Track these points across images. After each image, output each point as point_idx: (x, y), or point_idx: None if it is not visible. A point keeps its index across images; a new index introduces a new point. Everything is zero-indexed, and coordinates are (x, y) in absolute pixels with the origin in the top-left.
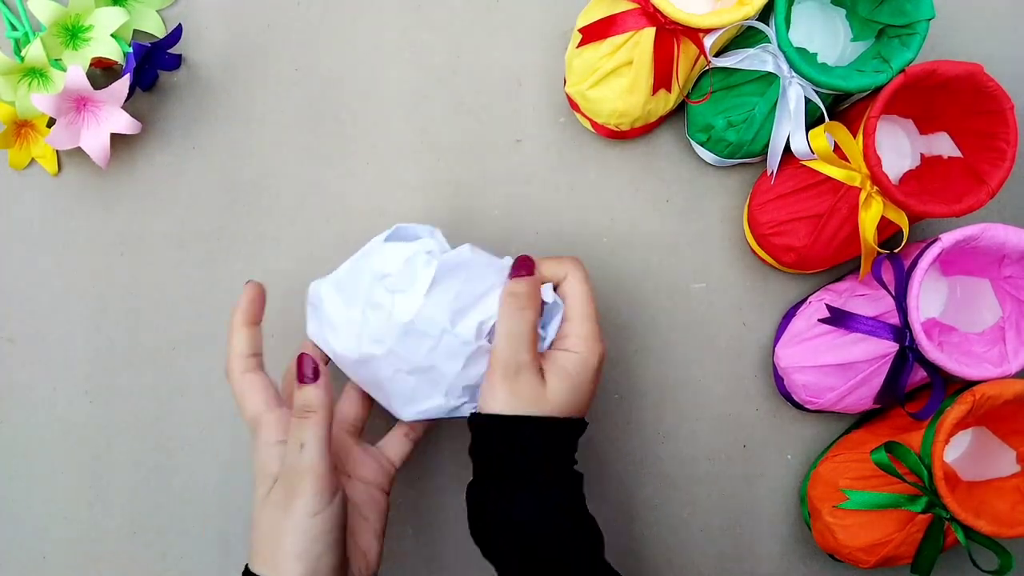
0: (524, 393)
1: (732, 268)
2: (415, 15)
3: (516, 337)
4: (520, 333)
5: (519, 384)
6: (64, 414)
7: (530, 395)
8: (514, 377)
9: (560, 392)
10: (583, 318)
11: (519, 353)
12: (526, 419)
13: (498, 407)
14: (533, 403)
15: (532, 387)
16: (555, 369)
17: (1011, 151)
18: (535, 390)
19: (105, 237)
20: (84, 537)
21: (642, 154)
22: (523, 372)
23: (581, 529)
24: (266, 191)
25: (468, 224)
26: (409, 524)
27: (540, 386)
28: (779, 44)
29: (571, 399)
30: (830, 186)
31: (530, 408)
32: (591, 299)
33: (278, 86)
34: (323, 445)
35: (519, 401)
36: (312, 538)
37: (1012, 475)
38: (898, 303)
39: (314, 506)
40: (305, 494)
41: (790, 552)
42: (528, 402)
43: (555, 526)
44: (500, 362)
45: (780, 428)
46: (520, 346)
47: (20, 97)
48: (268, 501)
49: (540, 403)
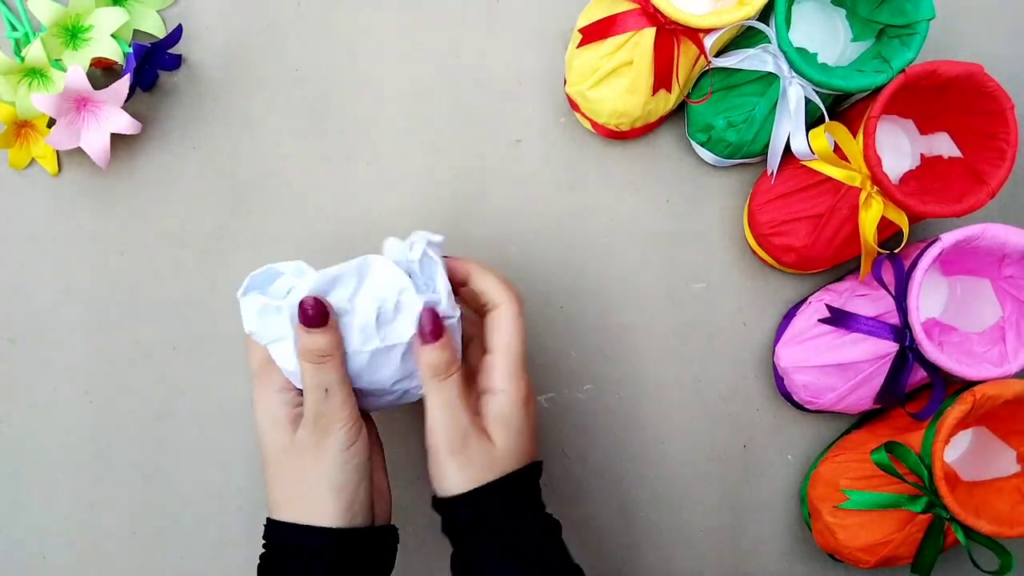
0: (475, 461)
1: (732, 268)
2: (415, 15)
3: (450, 408)
4: (452, 401)
5: (468, 454)
6: (64, 414)
7: (481, 461)
8: (461, 450)
9: (509, 445)
10: (507, 352)
11: (459, 420)
12: (485, 488)
13: (454, 487)
14: (487, 468)
15: (481, 452)
16: (493, 420)
17: (1011, 151)
18: (485, 454)
19: (105, 237)
20: (84, 537)
21: (642, 154)
22: (469, 439)
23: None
24: (266, 191)
25: (468, 224)
26: (409, 524)
27: (490, 448)
28: (779, 44)
29: (518, 446)
30: (830, 186)
31: (485, 474)
32: (521, 337)
33: (278, 86)
34: (346, 386)
35: (474, 472)
36: (351, 469)
37: (1012, 475)
38: (898, 303)
39: (347, 439)
40: (339, 432)
41: (790, 552)
42: (481, 469)
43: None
44: (442, 440)
45: (780, 428)
46: (458, 412)
47: (20, 97)
48: (294, 447)
49: (494, 465)
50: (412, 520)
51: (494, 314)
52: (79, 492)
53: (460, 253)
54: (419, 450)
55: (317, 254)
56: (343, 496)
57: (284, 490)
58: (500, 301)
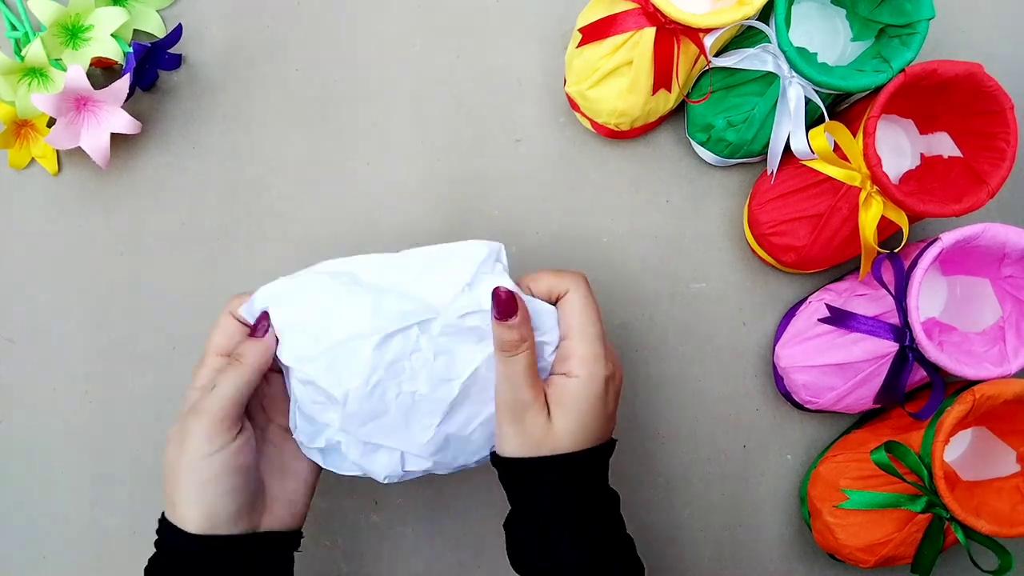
0: (531, 433)
1: (732, 268)
2: (415, 15)
3: (513, 379)
4: (517, 375)
5: (525, 425)
6: (64, 414)
7: (537, 435)
8: (520, 419)
9: (567, 426)
10: (584, 337)
11: (519, 394)
12: (538, 462)
13: (510, 450)
14: (541, 443)
15: (538, 427)
16: (558, 401)
17: (1011, 151)
18: (541, 429)
19: (105, 237)
20: (84, 537)
21: (642, 154)
22: (528, 412)
23: (623, 563)
24: (266, 191)
25: (468, 224)
26: (409, 524)
27: (546, 424)
28: (779, 44)
29: (581, 429)
30: (830, 186)
31: (539, 448)
32: (595, 318)
33: (278, 86)
34: (234, 392)
35: (528, 441)
36: (204, 481)
37: (1012, 475)
38: (898, 303)
39: (204, 448)
40: (195, 435)
41: (790, 552)
42: (536, 442)
43: (598, 563)
44: (503, 404)
45: (780, 428)
46: (519, 387)
47: (20, 97)
48: (169, 439)
49: (549, 441)
50: (412, 521)
51: (563, 301)
52: (79, 492)
53: None
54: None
55: (317, 254)
56: (198, 507)
57: (164, 481)
58: (566, 287)
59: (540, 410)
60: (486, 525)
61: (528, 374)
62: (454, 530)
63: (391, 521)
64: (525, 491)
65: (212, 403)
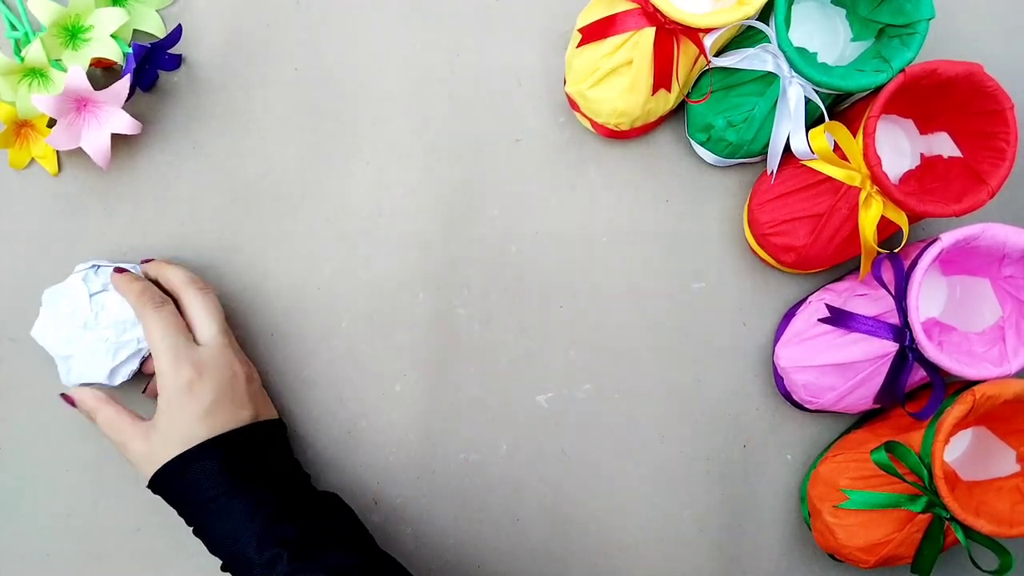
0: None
1: (732, 268)
2: (414, 15)
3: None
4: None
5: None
6: (67, 412)
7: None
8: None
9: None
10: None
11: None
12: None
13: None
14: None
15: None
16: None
17: (1011, 151)
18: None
19: (105, 237)
20: (87, 534)
21: (642, 154)
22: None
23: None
24: (266, 191)
25: (468, 224)
26: (409, 524)
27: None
28: (779, 44)
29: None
30: (830, 186)
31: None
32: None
33: (278, 86)
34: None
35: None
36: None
37: (1012, 475)
38: (898, 303)
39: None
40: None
41: (790, 552)
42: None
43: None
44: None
45: (780, 428)
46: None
47: (20, 97)
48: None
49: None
50: (412, 521)
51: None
52: (82, 490)
53: (459, 253)
54: (418, 452)
55: (317, 254)
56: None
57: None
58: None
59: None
60: (486, 525)
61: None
62: (454, 530)
63: (391, 521)
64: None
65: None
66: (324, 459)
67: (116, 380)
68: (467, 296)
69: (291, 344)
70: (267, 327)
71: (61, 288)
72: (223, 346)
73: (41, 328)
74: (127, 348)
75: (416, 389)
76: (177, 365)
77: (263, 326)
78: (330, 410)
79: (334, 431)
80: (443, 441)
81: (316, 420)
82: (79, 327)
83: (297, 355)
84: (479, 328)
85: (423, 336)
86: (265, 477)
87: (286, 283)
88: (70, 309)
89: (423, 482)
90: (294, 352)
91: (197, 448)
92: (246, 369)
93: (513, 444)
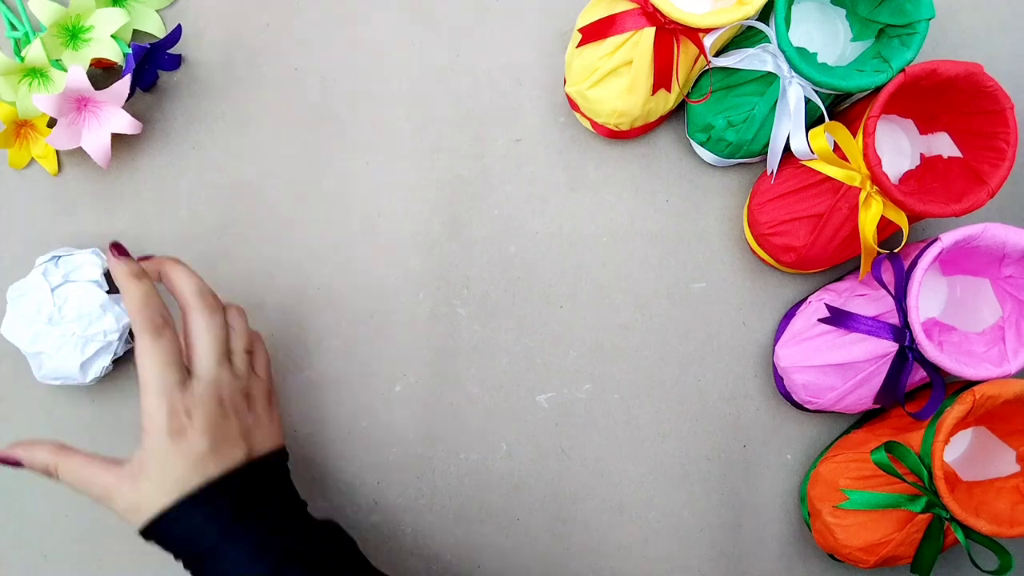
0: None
1: (732, 268)
2: (414, 15)
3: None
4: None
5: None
6: (65, 413)
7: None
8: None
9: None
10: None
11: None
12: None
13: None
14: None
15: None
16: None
17: (1011, 151)
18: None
19: (106, 237)
20: (85, 536)
21: (642, 154)
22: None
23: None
24: (266, 191)
25: (468, 224)
26: (409, 524)
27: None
28: (779, 44)
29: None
30: (830, 186)
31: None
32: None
33: (278, 86)
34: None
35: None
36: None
37: (1012, 475)
38: (898, 303)
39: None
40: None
41: (790, 552)
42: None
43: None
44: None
45: (780, 428)
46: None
47: (21, 97)
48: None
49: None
50: (412, 521)
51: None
52: None
53: (459, 253)
54: (417, 451)
55: (317, 254)
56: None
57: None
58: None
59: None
60: (486, 525)
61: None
62: (454, 530)
63: (391, 521)
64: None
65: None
66: (324, 459)
67: (89, 376)
68: (467, 296)
69: (291, 344)
70: (267, 327)
71: (23, 284)
72: (215, 382)
73: (9, 326)
74: (95, 342)
75: (416, 389)
76: (169, 411)
77: (263, 326)
78: (330, 410)
79: (334, 431)
80: (443, 441)
81: (316, 420)
82: (44, 323)
83: (297, 355)
84: (479, 328)
85: (423, 336)
86: (264, 518)
87: (286, 283)
88: (34, 305)
89: (423, 482)
90: (294, 352)
91: (192, 495)
92: (247, 392)
93: (513, 444)
